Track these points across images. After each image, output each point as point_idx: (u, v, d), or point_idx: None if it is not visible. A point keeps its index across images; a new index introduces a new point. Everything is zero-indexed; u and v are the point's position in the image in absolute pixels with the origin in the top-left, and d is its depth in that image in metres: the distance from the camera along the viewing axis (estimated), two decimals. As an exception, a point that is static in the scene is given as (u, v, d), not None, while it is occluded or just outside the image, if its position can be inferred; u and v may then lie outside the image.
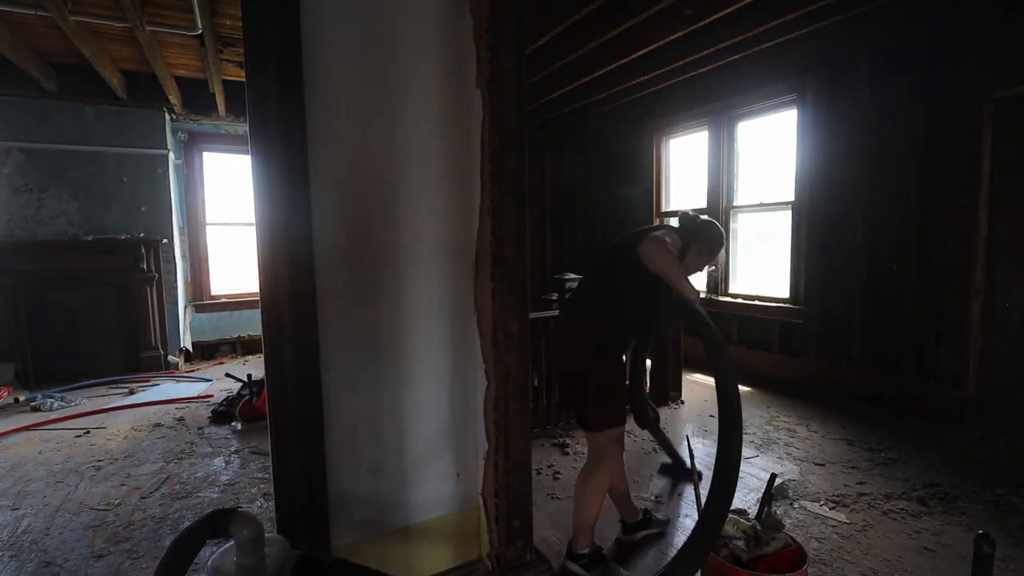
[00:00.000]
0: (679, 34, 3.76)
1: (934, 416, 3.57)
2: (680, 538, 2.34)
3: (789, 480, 2.82)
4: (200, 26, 3.87)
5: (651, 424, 2.86)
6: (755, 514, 1.86)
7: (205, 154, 6.27)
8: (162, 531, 2.48)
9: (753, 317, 4.84)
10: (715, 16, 3.47)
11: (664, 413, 4.01)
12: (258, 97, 1.50)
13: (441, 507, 1.96)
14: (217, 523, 1.12)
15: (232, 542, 1.12)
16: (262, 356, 1.62)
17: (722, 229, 2.19)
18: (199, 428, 3.89)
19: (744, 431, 3.52)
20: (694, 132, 5.64)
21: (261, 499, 2.79)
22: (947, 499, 2.60)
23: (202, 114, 5.94)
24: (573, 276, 5.38)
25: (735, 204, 5.14)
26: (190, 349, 6.12)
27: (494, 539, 1.92)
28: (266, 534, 1.16)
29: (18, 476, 3.09)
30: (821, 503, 2.60)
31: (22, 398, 4.50)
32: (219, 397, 4.51)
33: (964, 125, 3.37)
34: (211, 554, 1.15)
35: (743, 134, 5.11)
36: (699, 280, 5.57)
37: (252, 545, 1.11)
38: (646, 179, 6.13)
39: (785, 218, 4.60)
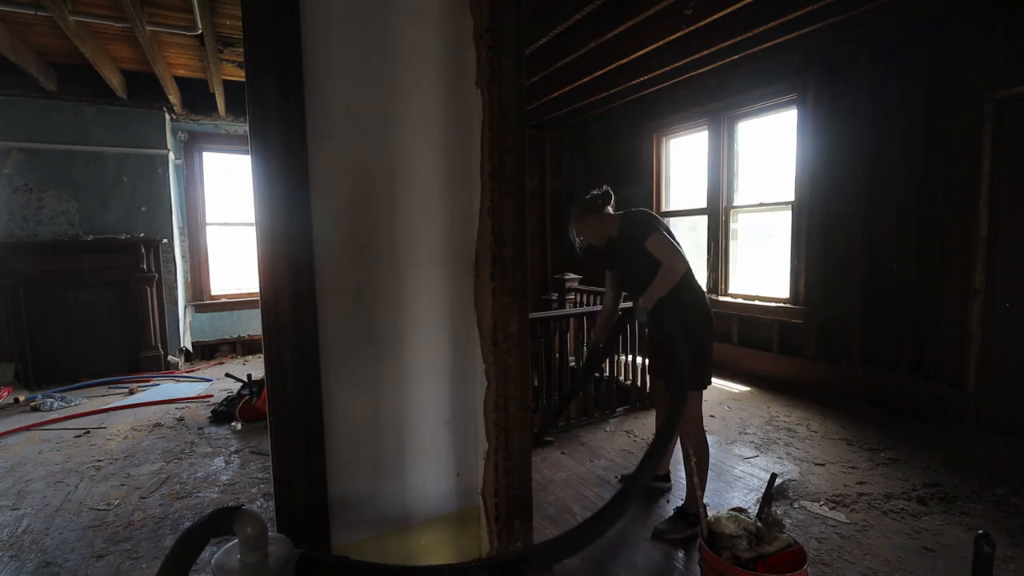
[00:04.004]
0: (679, 34, 3.76)
1: (934, 416, 3.57)
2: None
3: (789, 480, 2.82)
4: (200, 26, 3.88)
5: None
6: (755, 514, 1.86)
7: (205, 154, 6.27)
8: (162, 531, 2.48)
9: (753, 317, 4.84)
10: (715, 16, 3.47)
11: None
12: (258, 97, 1.50)
13: (441, 507, 1.96)
14: (221, 521, 1.12)
15: (235, 540, 1.13)
16: (262, 356, 1.62)
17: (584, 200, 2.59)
18: (199, 428, 3.89)
19: (744, 431, 3.54)
20: (694, 132, 5.64)
21: (261, 499, 2.79)
22: (947, 499, 2.60)
23: (202, 114, 5.94)
24: (573, 276, 5.37)
25: (735, 204, 5.14)
26: (190, 349, 6.12)
27: (494, 539, 1.91)
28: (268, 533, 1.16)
29: (18, 476, 3.09)
30: (821, 503, 2.60)
31: (22, 398, 4.51)
32: (219, 397, 4.52)
33: (964, 125, 3.37)
34: (212, 553, 1.16)
35: (743, 134, 5.11)
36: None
37: (256, 543, 1.11)
38: (646, 179, 6.13)
39: (785, 218, 4.60)
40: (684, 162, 5.97)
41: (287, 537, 1.24)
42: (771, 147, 4.91)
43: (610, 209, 2.56)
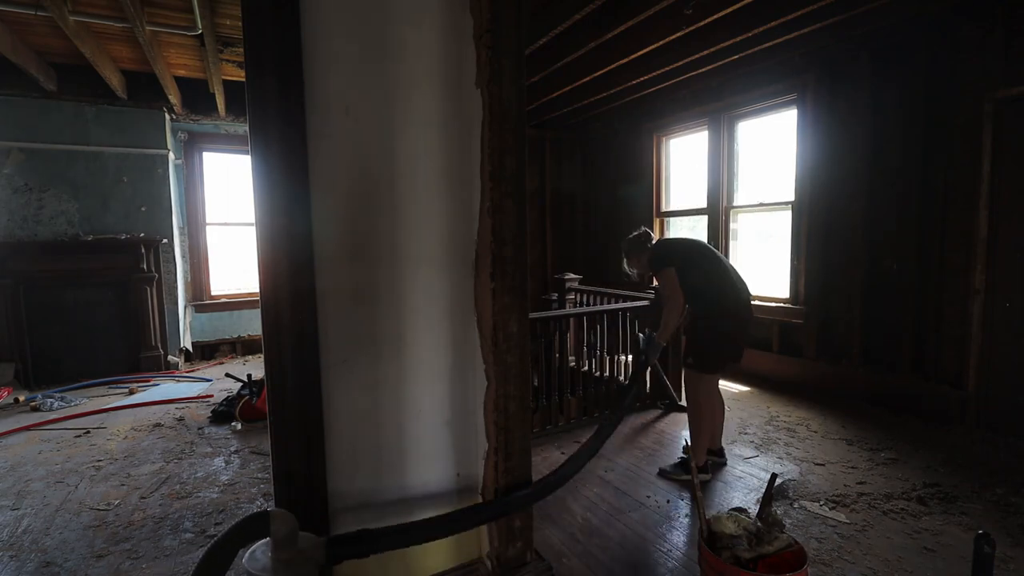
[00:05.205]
0: (679, 34, 3.76)
1: (934, 416, 3.57)
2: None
3: (789, 480, 2.82)
4: (200, 26, 3.88)
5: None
6: (755, 514, 1.86)
7: (205, 154, 6.27)
8: (162, 531, 2.48)
9: (753, 317, 4.83)
10: (715, 16, 3.47)
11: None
12: (258, 97, 1.50)
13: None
14: (252, 527, 1.15)
15: (260, 542, 1.15)
16: (262, 356, 1.62)
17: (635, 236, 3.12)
18: (199, 428, 3.89)
19: (744, 431, 3.54)
20: (694, 132, 5.64)
21: (261, 499, 2.79)
22: (947, 499, 2.60)
23: (202, 114, 5.94)
24: (573, 276, 5.37)
25: (735, 204, 5.14)
26: (190, 349, 6.12)
27: (494, 539, 1.91)
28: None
29: (18, 476, 3.09)
30: (821, 503, 2.60)
31: (22, 398, 4.51)
32: (219, 397, 4.52)
33: (964, 125, 3.37)
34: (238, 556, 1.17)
35: (743, 134, 5.11)
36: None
37: (288, 541, 1.14)
38: (646, 179, 6.13)
39: (785, 218, 4.60)
40: (684, 162, 5.97)
41: (310, 532, 1.26)
42: (771, 147, 4.91)
43: (649, 245, 3.06)
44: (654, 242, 3.09)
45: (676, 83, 4.99)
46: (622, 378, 4.19)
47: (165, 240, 5.61)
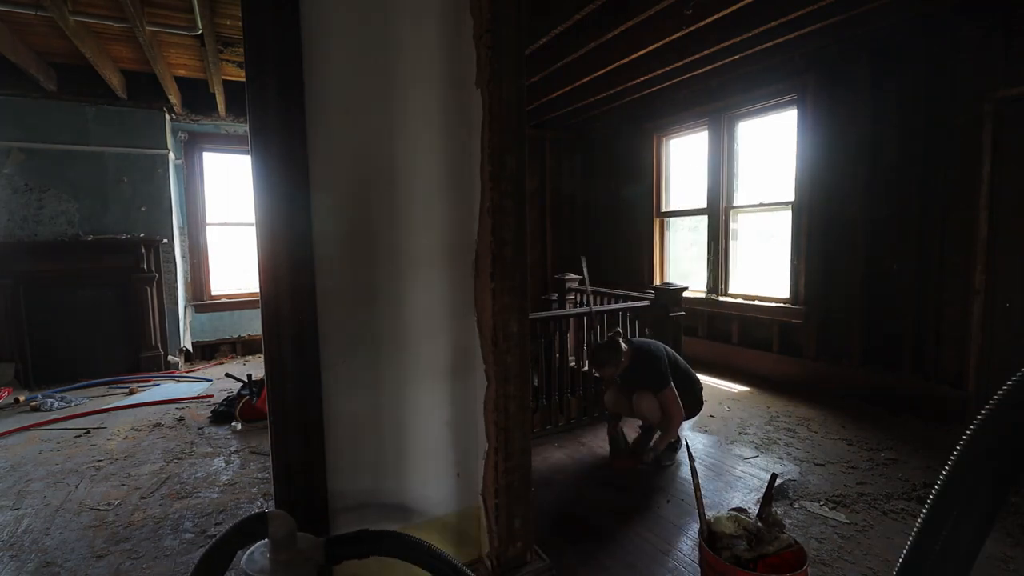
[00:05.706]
0: (679, 34, 3.76)
1: (934, 416, 3.57)
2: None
3: (789, 480, 2.82)
4: (200, 26, 3.87)
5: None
6: (755, 514, 1.86)
7: (205, 154, 6.27)
8: (162, 531, 2.48)
9: (753, 317, 4.84)
10: (715, 16, 3.47)
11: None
12: (258, 97, 1.50)
13: (441, 507, 1.96)
14: (251, 528, 1.15)
15: (258, 543, 1.16)
16: (262, 356, 1.62)
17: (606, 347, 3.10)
18: (199, 428, 3.89)
19: (744, 431, 3.54)
20: (694, 132, 5.64)
21: (261, 499, 2.79)
22: (947, 499, 2.60)
23: (202, 114, 5.94)
24: (573, 276, 5.37)
25: (735, 204, 5.14)
26: (190, 349, 6.12)
27: (494, 539, 1.91)
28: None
29: (18, 476, 3.09)
30: (821, 503, 2.60)
31: (22, 398, 4.51)
32: (219, 397, 4.51)
33: (964, 125, 3.37)
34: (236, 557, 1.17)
35: (743, 134, 5.11)
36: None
37: (287, 541, 1.14)
38: (646, 179, 6.14)
39: (785, 218, 4.60)
40: (684, 162, 5.97)
41: (309, 533, 1.26)
42: (771, 147, 4.92)
43: (622, 348, 3.06)
44: (635, 347, 3.12)
45: (676, 83, 4.98)
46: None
47: (165, 240, 5.61)
